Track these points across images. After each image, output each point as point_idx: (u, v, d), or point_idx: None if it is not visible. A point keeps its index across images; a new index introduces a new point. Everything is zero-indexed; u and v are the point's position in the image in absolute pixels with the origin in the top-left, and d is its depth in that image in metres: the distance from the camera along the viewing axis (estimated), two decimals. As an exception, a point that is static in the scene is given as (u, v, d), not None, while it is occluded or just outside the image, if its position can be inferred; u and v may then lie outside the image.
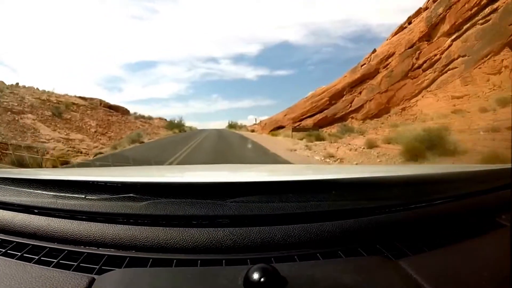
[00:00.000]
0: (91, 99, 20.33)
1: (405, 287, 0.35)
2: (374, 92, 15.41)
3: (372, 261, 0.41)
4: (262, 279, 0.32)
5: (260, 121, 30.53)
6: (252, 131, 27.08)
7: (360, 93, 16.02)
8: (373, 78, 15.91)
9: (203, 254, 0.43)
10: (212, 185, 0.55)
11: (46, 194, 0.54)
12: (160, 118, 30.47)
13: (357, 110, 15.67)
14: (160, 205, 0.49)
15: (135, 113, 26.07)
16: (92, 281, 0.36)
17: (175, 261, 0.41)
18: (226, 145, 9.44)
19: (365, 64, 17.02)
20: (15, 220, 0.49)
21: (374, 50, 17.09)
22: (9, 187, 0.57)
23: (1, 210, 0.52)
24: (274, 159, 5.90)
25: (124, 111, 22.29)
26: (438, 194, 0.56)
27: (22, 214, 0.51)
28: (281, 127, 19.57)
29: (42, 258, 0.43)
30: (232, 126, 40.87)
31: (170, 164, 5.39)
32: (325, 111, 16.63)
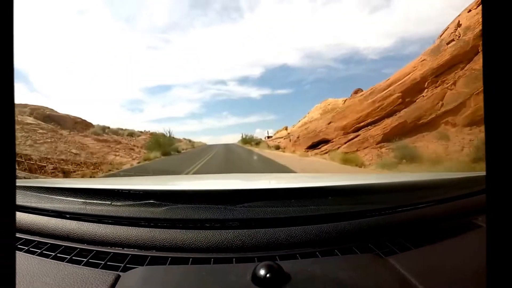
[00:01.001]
0: (24, 105, 16.63)
1: (393, 282, 0.45)
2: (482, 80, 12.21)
3: (364, 258, 0.52)
4: (268, 275, 0.42)
5: (288, 133, 25.81)
6: (278, 148, 21.44)
7: (454, 83, 12.49)
8: (472, 59, 12.35)
9: (216, 253, 0.54)
10: (223, 192, 0.71)
11: (76, 201, 0.70)
12: (151, 134, 24.03)
13: (454, 110, 12.13)
14: (177, 210, 0.63)
15: (105, 128, 20.14)
16: (117, 277, 0.47)
17: (191, 259, 0.53)
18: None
19: (453, 40, 13.17)
20: (49, 224, 0.63)
21: (459, 24, 13.32)
22: (43, 195, 0.74)
23: (37, 216, 0.66)
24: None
25: (75, 124, 17.95)
26: (422, 199, 0.73)
27: (55, 218, 0.65)
28: (325, 141, 15.03)
29: (73, 257, 0.54)
30: (246, 141, 36.77)
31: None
32: (399, 114, 12.90)
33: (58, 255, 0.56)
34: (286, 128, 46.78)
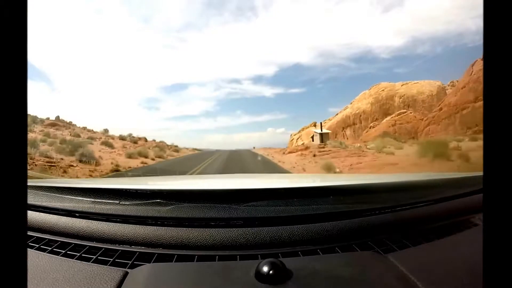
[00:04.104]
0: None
1: (392, 278, 0.45)
2: None
3: (364, 255, 0.52)
4: (271, 272, 0.42)
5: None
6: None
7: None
8: None
9: (220, 250, 0.54)
10: (228, 192, 0.71)
11: (85, 200, 0.70)
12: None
13: None
14: (183, 209, 0.63)
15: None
16: (125, 274, 0.47)
17: (196, 256, 0.53)
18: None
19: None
20: (59, 223, 0.63)
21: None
22: (54, 194, 0.74)
23: (47, 214, 0.66)
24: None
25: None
26: (421, 198, 0.73)
27: (65, 217, 0.65)
28: None
29: (83, 255, 0.54)
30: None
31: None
32: None
33: (68, 252, 0.56)
34: (314, 124, 39.92)
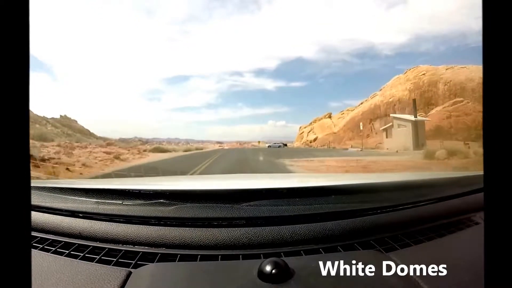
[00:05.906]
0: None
1: (394, 277, 0.45)
2: None
3: (366, 254, 0.52)
4: (273, 271, 0.42)
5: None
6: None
7: None
8: None
9: (223, 250, 0.54)
10: (230, 192, 0.71)
11: (88, 200, 0.70)
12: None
13: None
14: (186, 209, 0.63)
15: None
16: (129, 274, 0.47)
17: (199, 256, 0.52)
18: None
19: None
20: (62, 223, 0.63)
21: None
22: (57, 195, 0.74)
23: (51, 215, 0.66)
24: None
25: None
26: (422, 197, 0.73)
27: (68, 218, 0.65)
28: None
29: (86, 255, 0.54)
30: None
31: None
32: None
33: (71, 252, 0.56)
34: (329, 116, 36.10)
